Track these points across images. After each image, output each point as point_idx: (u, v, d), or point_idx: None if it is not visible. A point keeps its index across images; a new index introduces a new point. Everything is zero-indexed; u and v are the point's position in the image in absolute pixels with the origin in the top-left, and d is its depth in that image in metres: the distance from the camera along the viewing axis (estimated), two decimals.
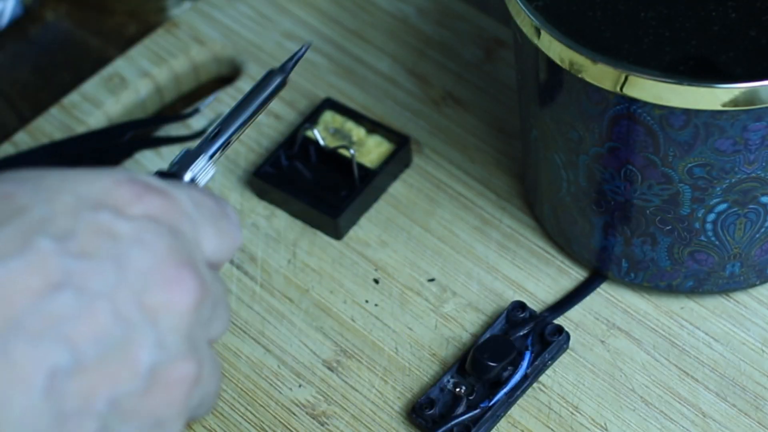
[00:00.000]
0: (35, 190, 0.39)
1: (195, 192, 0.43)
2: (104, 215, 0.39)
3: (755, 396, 0.56)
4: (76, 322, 0.38)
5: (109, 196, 0.40)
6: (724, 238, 0.55)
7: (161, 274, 0.39)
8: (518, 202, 0.64)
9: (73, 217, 0.39)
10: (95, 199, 0.39)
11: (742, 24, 0.49)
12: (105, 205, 0.39)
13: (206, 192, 0.44)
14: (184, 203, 0.41)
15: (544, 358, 0.56)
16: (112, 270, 0.39)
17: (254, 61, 0.71)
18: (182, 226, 0.41)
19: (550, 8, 0.51)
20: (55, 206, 0.39)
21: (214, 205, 0.43)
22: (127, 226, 0.39)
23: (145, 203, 0.40)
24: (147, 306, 0.39)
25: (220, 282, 0.43)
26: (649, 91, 0.48)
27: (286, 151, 0.65)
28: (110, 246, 0.39)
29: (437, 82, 0.69)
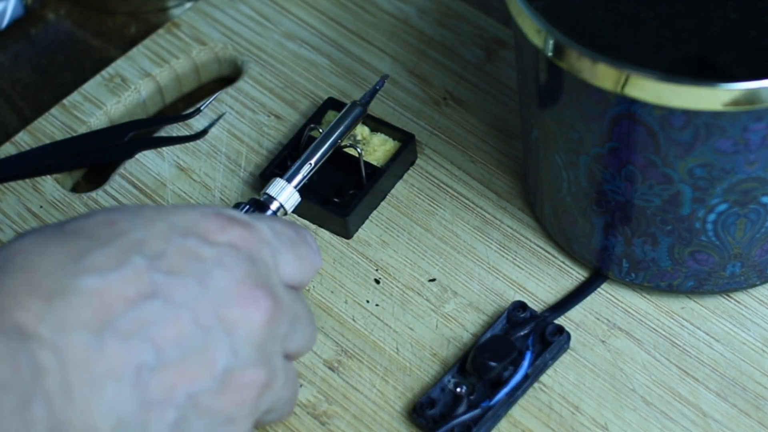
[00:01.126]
0: (134, 218, 0.47)
1: (275, 223, 0.49)
2: (192, 241, 0.46)
3: (756, 396, 0.56)
4: (161, 327, 0.44)
5: (197, 226, 0.47)
6: (724, 238, 0.55)
7: (238, 292, 0.46)
8: (519, 203, 0.64)
9: (165, 240, 0.46)
10: (185, 227, 0.47)
11: (743, 24, 0.49)
12: (193, 233, 0.46)
13: (287, 223, 0.50)
14: (264, 233, 0.48)
15: (545, 358, 0.56)
16: (195, 285, 0.45)
17: (255, 61, 0.71)
18: (261, 253, 0.47)
19: (551, 8, 0.51)
20: (150, 231, 0.46)
21: (293, 233, 0.50)
22: (211, 251, 0.46)
23: (228, 233, 0.47)
24: (224, 318, 0.46)
25: (301, 303, 0.49)
26: (650, 91, 0.48)
27: (290, 153, 0.65)
28: (195, 266, 0.46)
29: (438, 83, 0.69)
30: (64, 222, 0.47)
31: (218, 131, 0.68)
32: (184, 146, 0.67)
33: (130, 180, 0.66)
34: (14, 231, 0.64)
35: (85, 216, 0.47)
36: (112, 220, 0.46)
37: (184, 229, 0.46)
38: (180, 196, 0.65)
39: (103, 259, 0.45)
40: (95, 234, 0.46)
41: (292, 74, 0.70)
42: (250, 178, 0.66)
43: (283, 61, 0.71)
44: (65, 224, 0.47)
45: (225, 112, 0.69)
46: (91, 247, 0.45)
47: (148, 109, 0.71)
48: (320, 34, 0.72)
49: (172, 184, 0.66)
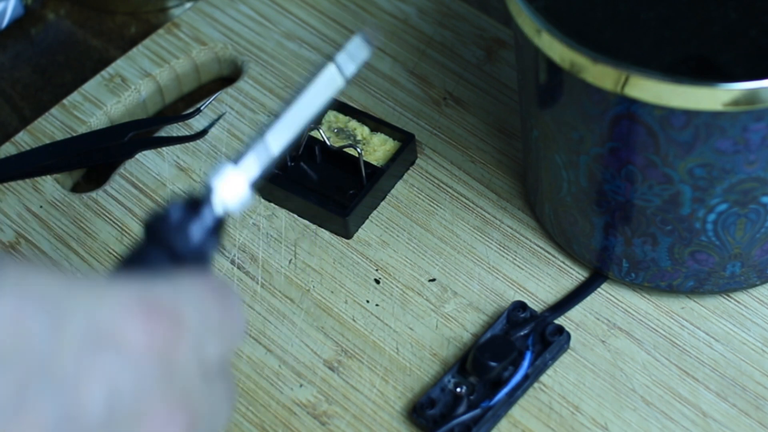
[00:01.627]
0: (46, 315, 0.37)
1: (203, 298, 0.42)
2: (108, 356, 0.38)
3: (756, 396, 0.56)
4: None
5: (116, 326, 0.38)
6: (724, 238, 0.55)
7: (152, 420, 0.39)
8: (519, 203, 0.64)
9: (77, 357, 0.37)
10: (102, 330, 0.38)
11: (743, 24, 0.49)
12: (111, 339, 0.38)
13: (213, 291, 0.42)
14: (190, 323, 0.41)
15: (545, 358, 0.56)
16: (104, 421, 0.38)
17: (255, 61, 0.71)
18: (183, 354, 0.41)
19: (551, 9, 0.51)
20: (61, 341, 0.37)
21: (219, 309, 0.42)
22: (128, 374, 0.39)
23: (150, 334, 0.39)
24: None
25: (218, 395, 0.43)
26: (650, 91, 0.48)
27: (290, 153, 0.65)
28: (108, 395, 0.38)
29: (438, 83, 0.69)
30: None
31: (218, 131, 0.68)
32: (184, 146, 0.67)
33: (130, 180, 0.66)
34: (14, 231, 0.64)
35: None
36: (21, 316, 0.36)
37: (101, 334, 0.38)
38: (180, 196, 0.65)
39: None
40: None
41: (292, 74, 0.70)
42: None
43: (283, 61, 0.71)
44: None
45: (225, 112, 0.69)
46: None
47: (148, 109, 0.71)
48: (320, 34, 0.72)
49: (172, 184, 0.66)
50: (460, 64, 0.70)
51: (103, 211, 0.65)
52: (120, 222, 0.64)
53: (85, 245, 0.64)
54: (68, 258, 0.63)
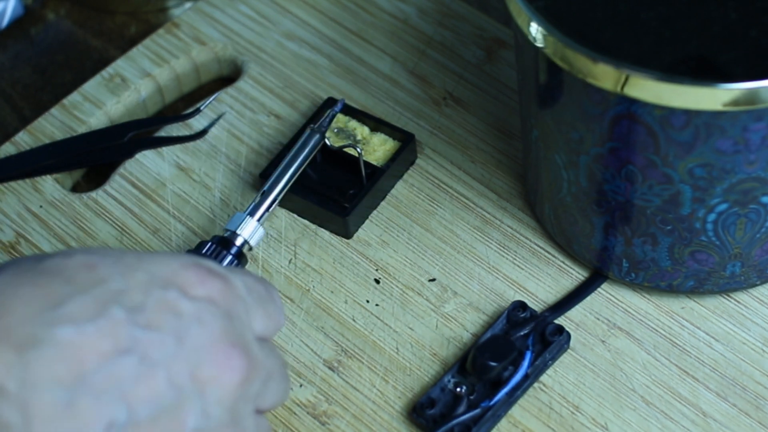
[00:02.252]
0: (114, 265, 0.45)
1: (247, 278, 0.48)
2: (171, 293, 0.45)
3: (756, 396, 0.56)
4: (135, 384, 0.43)
5: (176, 277, 0.45)
6: (724, 238, 0.55)
7: (214, 351, 0.45)
8: (519, 203, 0.64)
9: (145, 292, 0.44)
10: (165, 278, 0.45)
11: (743, 24, 0.49)
12: (173, 285, 0.45)
13: (257, 278, 0.49)
14: (240, 289, 0.47)
15: (545, 357, 0.56)
16: (172, 343, 0.44)
17: (255, 61, 0.71)
18: (237, 309, 0.46)
19: (551, 8, 0.51)
20: (130, 281, 0.44)
21: (263, 290, 0.49)
22: (190, 306, 0.45)
23: (207, 286, 0.46)
24: (198, 378, 0.44)
25: (275, 358, 0.48)
26: (650, 91, 0.48)
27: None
28: (173, 321, 0.44)
29: (438, 83, 0.69)
30: (41, 257, 0.45)
31: (218, 131, 0.68)
32: (184, 146, 0.67)
33: (130, 180, 0.66)
34: (14, 231, 0.64)
35: (64, 255, 0.45)
36: (92, 265, 0.45)
37: (163, 281, 0.45)
38: (180, 196, 0.65)
39: (80, 309, 0.43)
40: (73, 278, 0.44)
41: (292, 74, 0.70)
42: (250, 178, 0.66)
43: (283, 61, 0.71)
44: (43, 260, 0.45)
45: (225, 112, 0.69)
46: (69, 294, 0.43)
47: (148, 109, 0.71)
48: (320, 34, 0.72)
49: (172, 184, 0.66)
50: (460, 64, 0.70)
51: (103, 211, 0.65)
52: (120, 222, 0.64)
53: (85, 245, 0.64)
54: None
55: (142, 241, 0.63)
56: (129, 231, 0.64)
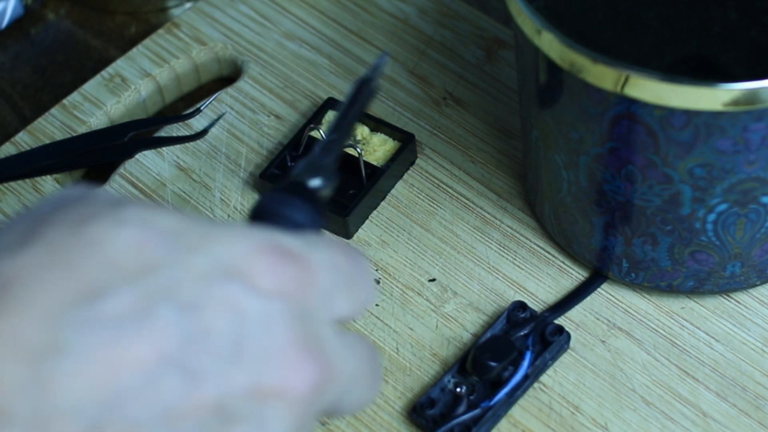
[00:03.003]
0: (170, 245, 0.37)
1: (332, 252, 0.40)
2: (235, 287, 0.37)
3: (756, 396, 0.56)
4: (179, 406, 0.35)
5: (245, 264, 0.37)
6: (724, 238, 0.55)
7: (280, 357, 0.37)
8: (519, 203, 0.64)
9: (203, 284, 0.36)
10: (231, 265, 0.37)
11: (743, 24, 0.49)
12: (239, 275, 0.37)
13: (343, 250, 0.41)
14: (321, 272, 0.39)
15: (545, 358, 0.56)
16: (228, 351, 0.36)
17: (255, 61, 0.71)
18: (314, 301, 0.39)
19: (551, 8, 0.51)
20: (186, 269, 0.36)
21: (350, 265, 0.41)
22: (257, 304, 0.37)
23: (281, 276, 0.38)
24: (257, 392, 0.37)
25: (360, 356, 0.40)
26: (650, 91, 0.48)
27: (290, 153, 0.65)
28: (234, 324, 0.36)
29: (438, 83, 0.69)
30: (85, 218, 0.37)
31: (218, 131, 0.68)
32: (184, 146, 0.67)
33: (130, 180, 0.66)
34: None
35: (115, 220, 0.37)
36: (144, 244, 0.36)
37: (228, 269, 0.37)
38: (180, 196, 0.65)
39: (121, 306, 0.35)
40: (118, 261, 0.36)
41: (292, 74, 0.70)
42: (250, 178, 0.66)
43: (283, 61, 0.71)
44: (87, 224, 0.36)
45: (225, 112, 0.69)
46: (108, 283, 0.35)
47: (148, 109, 0.71)
48: (320, 34, 0.72)
49: (172, 184, 0.66)
50: (460, 64, 0.70)
51: None
52: None
53: None
54: None
55: None
56: None
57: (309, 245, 0.39)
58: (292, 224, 0.41)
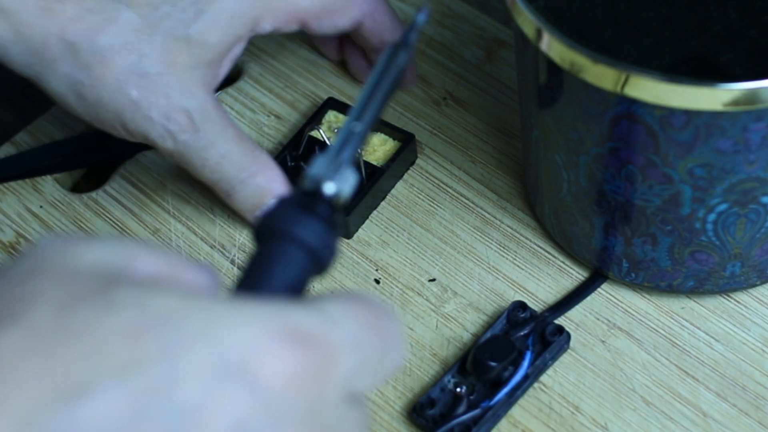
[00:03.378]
0: (169, 334, 0.32)
1: (359, 326, 0.35)
2: (240, 388, 0.32)
3: (756, 396, 0.56)
4: None
5: (254, 355, 0.33)
6: (724, 238, 0.55)
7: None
8: (519, 203, 0.64)
9: (204, 384, 0.32)
10: (238, 360, 0.33)
11: (743, 24, 0.49)
12: (245, 370, 0.33)
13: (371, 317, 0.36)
14: (342, 358, 0.34)
15: (545, 358, 0.56)
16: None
17: (255, 61, 0.71)
18: (331, 389, 0.34)
19: (551, 8, 0.51)
20: (185, 363, 0.32)
21: (377, 341, 0.36)
22: (263, 409, 0.33)
23: (294, 367, 0.33)
24: None
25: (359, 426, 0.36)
26: (650, 91, 0.48)
27: (290, 152, 0.65)
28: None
29: (438, 83, 0.69)
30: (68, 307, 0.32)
31: None
32: None
33: (130, 180, 0.66)
34: (14, 231, 0.64)
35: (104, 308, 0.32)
36: (139, 333, 0.32)
37: (232, 363, 0.32)
38: (180, 196, 0.65)
39: (107, 407, 0.31)
40: (107, 351, 0.31)
41: (292, 74, 0.70)
42: None
43: (283, 61, 0.71)
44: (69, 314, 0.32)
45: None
46: (96, 380, 0.31)
47: None
48: None
49: (172, 184, 0.66)
50: (460, 64, 0.70)
51: (103, 211, 0.65)
52: (120, 222, 0.64)
53: None
54: None
55: (141, 241, 0.63)
56: (129, 231, 0.64)
57: (329, 322, 0.35)
58: (304, 247, 0.38)
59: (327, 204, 0.39)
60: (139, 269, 0.34)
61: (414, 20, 0.43)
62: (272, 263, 0.38)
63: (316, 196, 0.39)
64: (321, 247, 0.38)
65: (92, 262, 0.34)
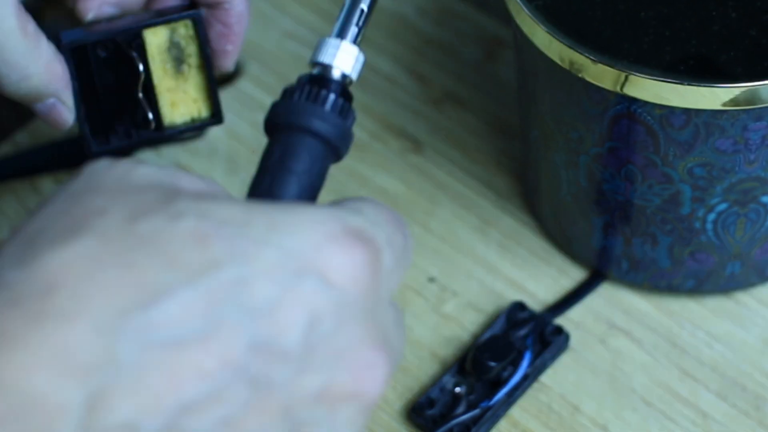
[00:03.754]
0: (234, 239, 0.33)
1: (390, 228, 0.37)
2: (308, 284, 0.34)
3: (756, 396, 0.56)
4: (244, 416, 0.33)
5: (319, 255, 0.34)
6: (724, 238, 0.54)
7: (354, 359, 0.35)
8: (518, 202, 0.64)
9: (273, 283, 0.33)
10: (303, 259, 0.34)
11: (743, 23, 0.49)
12: (312, 269, 0.34)
13: (396, 223, 0.38)
14: (385, 255, 0.36)
15: (544, 357, 0.56)
16: (299, 356, 0.33)
17: (255, 60, 0.71)
18: (381, 286, 0.36)
19: (550, 8, 0.51)
20: (254, 265, 0.33)
21: (400, 238, 0.38)
22: (330, 303, 0.34)
23: (354, 264, 0.35)
24: (329, 396, 0.34)
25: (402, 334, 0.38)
26: (650, 90, 0.48)
27: None
28: (306, 327, 0.34)
29: (437, 82, 0.69)
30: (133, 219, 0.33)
31: (218, 131, 0.68)
32: (184, 146, 0.67)
33: None
34: None
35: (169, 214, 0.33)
36: (205, 236, 0.33)
37: (301, 263, 0.34)
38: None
39: (182, 310, 0.32)
40: (178, 257, 0.32)
41: (292, 74, 0.70)
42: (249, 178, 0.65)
43: (283, 61, 0.71)
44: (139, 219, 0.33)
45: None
46: (168, 284, 0.32)
47: None
48: (320, 33, 0.72)
49: None
50: (460, 64, 0.70)
51: None
52: None
53: None
54: None
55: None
56: None
57: (373, 224, 0.37)
58: (322, 139, 0.38)
59: (337, 89, 0.40)
60: (187, 187, 0.35)
61: None
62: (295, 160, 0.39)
63: (326, 82, 0.40)
64: (339, 137, 0.39)
65: (146, 179, 0.35)
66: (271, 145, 0.39)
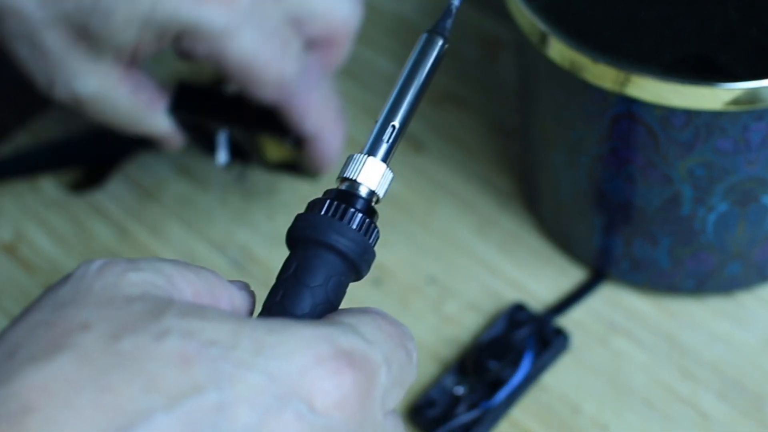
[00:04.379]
0: (220, 361, 0.33)
1: (390, 344, 0.37)
2: (291, 413, 0.33)
3: (756, 396, 0.56)
4: None
5: (305, 381, 0.34)
6: (724, 238, 0.54)
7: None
8: (519, 202, 0.64)
9: (255, 408, 0.32)
10: (288, 385, 0.33)
11: (743, 24, 0.49)
12: (297, 396, 0.33)
13: (396, 335, 0.37)
14: (380, 374, 0.36)
15: (545, 358, 0.56)
16: None
17: None
18: (373, 405, 0.35)
19: (551, 8, 0.51)
20: (236, 390, 0.32)
21: (402, 356, 0.37)
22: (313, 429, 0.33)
23: (343, 388, 0.34)
24: None
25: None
26: (650, 90, 0.48)
27: None
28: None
29: (438, 82, 0.69)
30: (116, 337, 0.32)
31: None
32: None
33: (130, 180, 0.66)
34: (14, 231, 0.64)
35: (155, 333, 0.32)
36: (188, 358, 0.32)
37: (285, 390, 0.33)
38: (180, 195, 0.65)
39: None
40: (158, 380, 0.31)
41: None
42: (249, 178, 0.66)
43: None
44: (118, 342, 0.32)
45: None
46: (147, 408, 0.31)
47: None
48: None
49: (172, 184, 0.66)
50: (460, 64, 0.70)
51: (103, 210, 0.65)
52: (120, 222, 0.64)
53: (85, 245, 0.64)
54: (68, 258, 0.63)
55: (142, 241, 0.63)
56: (129, 231, 0.64)
57: (367, 342, 0.36)
58: (343, 256, 0.38)
59: (363, 206, 0.39)
60: (180, 295, 0.35)
61: (449, 4, 0.43)
62: (310, 274, 0.38)
63: (352, 198, 0.39)
64: (359, 255, 0.39)
65: (136, 289, 0.34)
66: (289, 258, 0.39)
